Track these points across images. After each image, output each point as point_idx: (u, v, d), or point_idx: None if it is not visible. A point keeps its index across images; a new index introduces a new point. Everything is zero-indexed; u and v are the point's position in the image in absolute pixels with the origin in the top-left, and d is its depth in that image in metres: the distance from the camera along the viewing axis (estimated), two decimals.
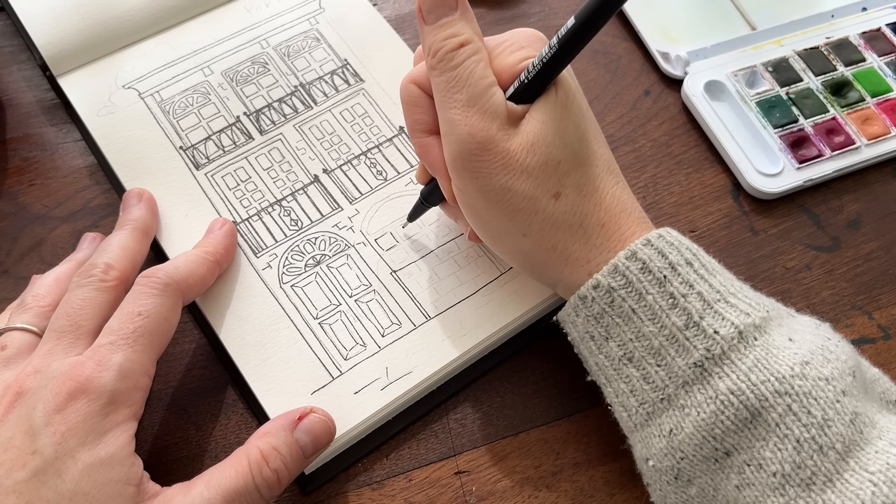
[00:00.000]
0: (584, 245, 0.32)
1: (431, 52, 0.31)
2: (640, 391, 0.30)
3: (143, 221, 0.37)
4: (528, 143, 0.31)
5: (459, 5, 0.31)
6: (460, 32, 0.31)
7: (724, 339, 0.28)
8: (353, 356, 0.36)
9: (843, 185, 0.45)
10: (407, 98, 0.34)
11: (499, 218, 0.32)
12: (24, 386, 0.30)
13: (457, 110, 0.31)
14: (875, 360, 0.40)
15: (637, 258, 0.30)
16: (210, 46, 0.45)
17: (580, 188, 0.31)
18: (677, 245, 0.30)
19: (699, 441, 0.28)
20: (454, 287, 0.38)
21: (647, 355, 0.30)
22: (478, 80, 0.31)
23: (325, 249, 0.39)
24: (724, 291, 0.29)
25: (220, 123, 0.43)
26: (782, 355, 0.28)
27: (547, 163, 0.31)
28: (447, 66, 0.31)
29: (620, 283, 0.30)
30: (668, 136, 0.46)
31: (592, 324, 0.31)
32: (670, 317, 0.29)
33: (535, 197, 0.31)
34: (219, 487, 0.30)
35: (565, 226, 0.31)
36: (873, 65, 0.48)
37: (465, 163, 0.31)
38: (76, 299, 0.32)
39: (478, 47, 0.31)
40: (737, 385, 0.27)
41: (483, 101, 0.30)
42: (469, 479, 0.36)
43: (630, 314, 0.30)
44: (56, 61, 0.44)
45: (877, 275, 0.42)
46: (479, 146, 0.30)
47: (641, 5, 0.50)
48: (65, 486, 0.28)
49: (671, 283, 0.29)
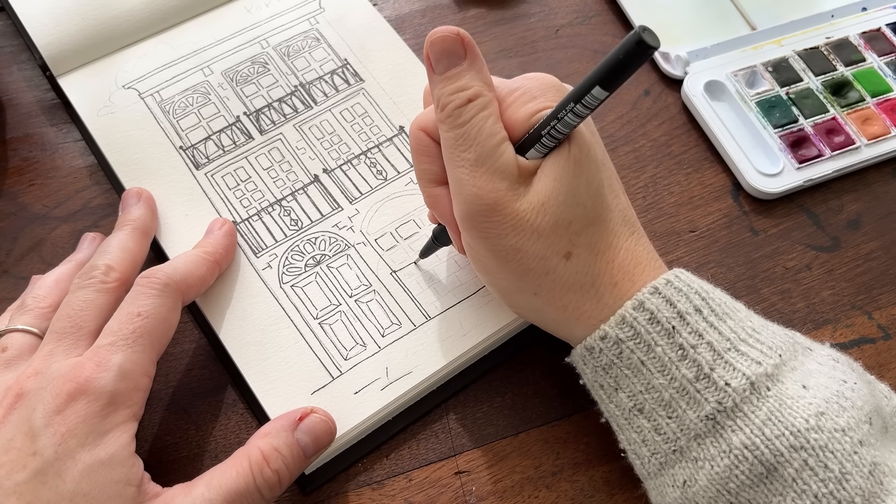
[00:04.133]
0: (597, 305, 0.31)
1: (440, 105, 0.30)
2: (651, 442, 0.30)
3: (142, 221, 0.37)
4: (539, 202, 0.30)
5: (468, 54, 0.30)
6: (469, 86, 0.30)
7: (736, 392, 0.28)
8: (353, 356, 0.36)
9: (843, 185, 0.45)
10: (416, 146, 0.33)
11: (509, 277, 0.31)
12: (25, 387, 0.30)
13: (465, 170, 0.30)
14: (875, 360, 0.40)
15: (644, 308, 0.29)
16: (210, 46, 0.45)
17: (592, 247, 0.31)
18: (686, 291, 0.29)
19: (713, 494, 0.28)
20: (454, 287, 0.38)
21: (657, 407, 0.29)
22: (486, 138, 0.30)
23: (325, 249, 0.39)
24: (735, 339, 0.29)
25: (220, 123, 0.43)
26: (797, 406, 0.27)
27: (558, 223, 0.30)
28: (455, 123, 0.30)
29: (628, 334, 0.29)
30: (668, 136, 0.46)
31: (601, 374, 0.31)
32: (680, 369, 0.28)
33: (545, 257, 0.30)
34: (220, 488, 0.30)
35: (577, 286, 0.31)
36: (873, 65, 0.48)
37: (474, 223, 0.30)
38: (77, 301, 0.32)
39: (487, 101, 0.30)
40: (751, 440, 0.27)
41: (492, 161, 0.30)
42: (469, 479, 0.36)
43: (639, 366, 0.29)
44: (56, 61, 0.44)
45: (877, 275, 0.42)
46: (487, 207, 0.30)
47: (641, 5, 0.50)
48: (65, 486, 0.28)
49: (680, 333, 0.29)
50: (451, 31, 0.30)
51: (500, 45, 0.49)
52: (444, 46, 0.30)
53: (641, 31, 0.25)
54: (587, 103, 0.28)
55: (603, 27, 0.50)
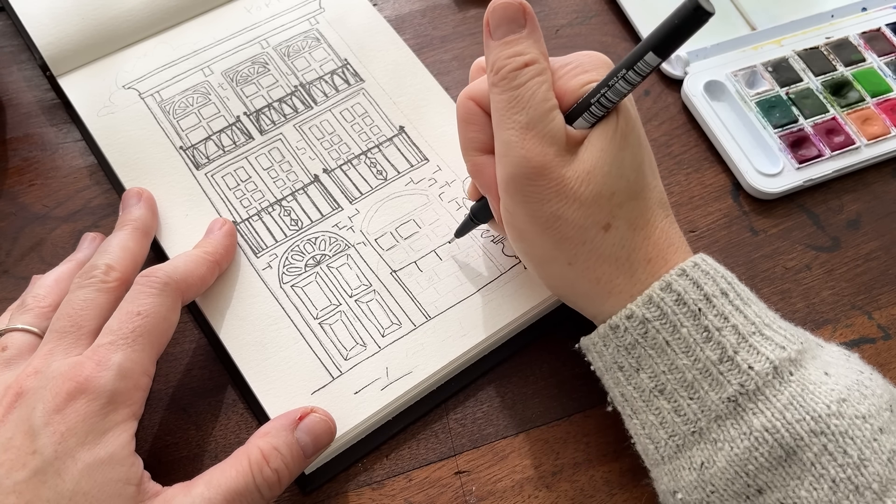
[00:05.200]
0: (629, 279, 0.31)
1: (495, 68, 0.30)
2: (670, 423, 0.30)
3: (142, 221, 0.37)
4: (585, 171, 0.30)
5: (528, 23, 0.31)
6: (526, 52, 0.30)
7: (759, 375, 0.28)
8: (354, 356, 0.36)
9: (843, 185, 0.45)
10: (463, 114, 0.33)
11: (545, 244, 0.31)
12: (25, 386, 0.30)
13: (514, 132, 0.30)
14: (875, 360, 0.40)
15: (672, 289, 0.30)
16: (210, 46, 0.45)
17: (631, 221, 0.31)
18: (713, 274, 0.30)
19: (731, 476, 0.28)
20: (454, 287, 0.38)
21: (679, 388, 0.29)
22: (539, 102, 0.30)
23: (325, 249, 0.39)
24: (760, 323, 0.29)
25: (220, 123, 0.43)
26: (819, 392, 0.27)
27: (601, 193, 0.30)
28: (510, 85, 0.30)
29: (655, 314, 0.30)
30: (668, 136, 0.46)
31: (623, 354, 0.31)
32: (704, 350, 0.29)
33: (584, 227, 0.30)
34: (219, 487, 0.30)
35: (612, 258, 0.31)
36: (873, 65, 0.48)
37: (518, 186, 0.30)
38: (77, 300, 0.32)
39: (542, 68, 0.30)
40: (771, 423, 0.27)
41: (543, 125, 0.30)
42: (469, 479, 0.36)
43: (664, 346, 0.30)
44: (56, 61, 0.44)
45: (877, 275, 0.42)
46: (534, 171, 0.30)
47: (641, 5, 0.50)
48: (65, 485, 0.28)
49: (706, 315, 0.29)
50: (515, 1, 0.30)
51: None
52: (506, 13, 0.30)
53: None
54: (640, 70, 0.28)
55: (603, 27, 0.50)
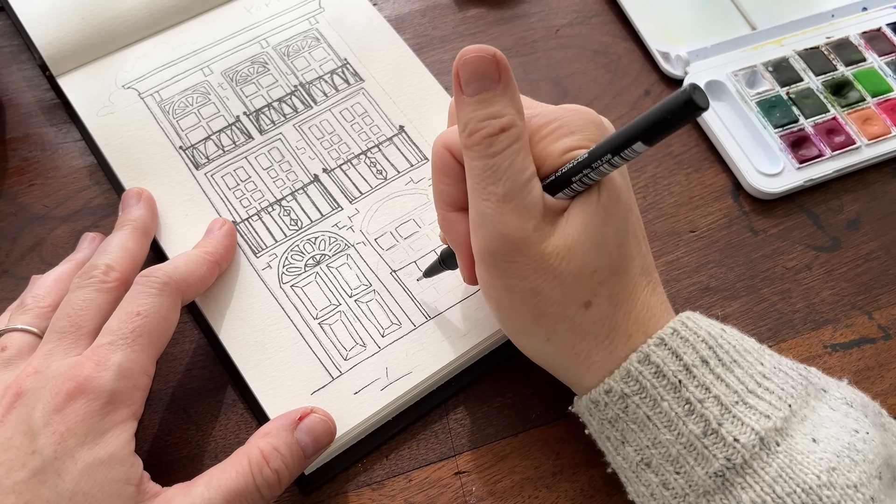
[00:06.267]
0: (609, 355, 0.30)
1: (468, 130, 0.28)
2: (660, 496, 0.29)
3: (142, 221, 0.37)
4: (566, 247, 0.28)
5: (502, 77, 0.28)
6: (502, 113, 0.28)
7: (745, 448, 0.27)
8: (353, 356, 0.36)
9: (843, 185, 0.45)
10: (438, 164, 0.31)
11: (524, 318, 0.30)
12: (24, 386, 0.30)
13: (491, 203, 0.28)
14: (875, 360, 0.40)
15: (650, 361, 0.29)
16: (210, 46, 0.45)
17: (612, 297, 0.30)
18: (692, 341, 0.29)
19: None
20: (454, 287, 0.38)
21: (664, 462, 0.28)
22: (517, 172, 0.28)
23: (324, 249, 0.39)
24: (743, 391, 0.28)
25: (219, 123, 0.43)
26: (807, 462, 0.27)
27: (582, 271, 0.29)
28: (485, 152, 0.28)
29: (634, 388, 0.29)
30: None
31: (607, 427, 0.30)
32: (687, 424, 0.28)
33: (564, 304, 0.29)
34: (219, 487, 0.30)
35: (592, 335, 0.30)
36: (873, 65, 0.48)
37: (495, 261, 0.29)
38: (77, 300, 0.32)
39: (520, 132, 0.28)
40: (761, 498, 0.26)
41: (521, 198, 0.28)
42: (469, 479, 0.36)
43: (645, 421, 0.29)
44: (56, 61, 0.44)
45: (877, 275, 0.42)
46: (511, 247, 0.28)
47: (641, 5, 0.50)
48: (64, 485, 0.28)
49: (686, 387, 0.28)
50: (487, 52, 0.28)
51: (500, 45, 0.49)
52: (477, 67, 0.28)
53: (692, 90, 0.23)
54: (625, 156, 0.26)
55: (603, 27, 0.50)
